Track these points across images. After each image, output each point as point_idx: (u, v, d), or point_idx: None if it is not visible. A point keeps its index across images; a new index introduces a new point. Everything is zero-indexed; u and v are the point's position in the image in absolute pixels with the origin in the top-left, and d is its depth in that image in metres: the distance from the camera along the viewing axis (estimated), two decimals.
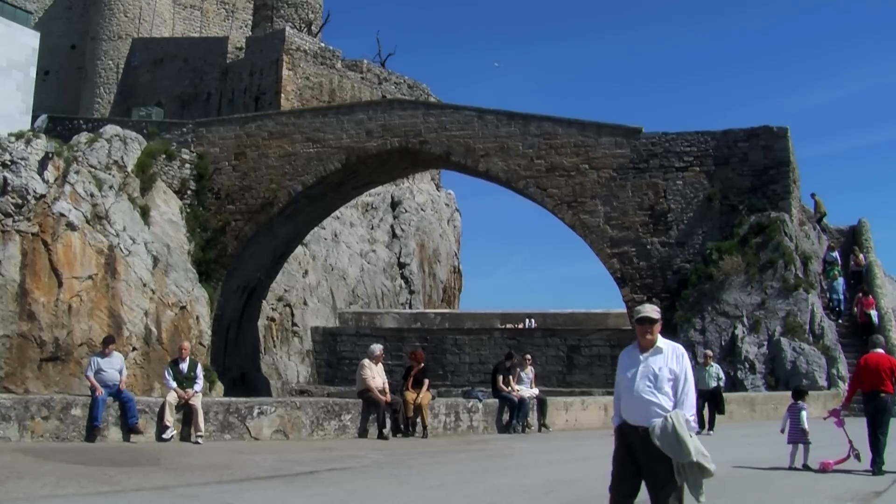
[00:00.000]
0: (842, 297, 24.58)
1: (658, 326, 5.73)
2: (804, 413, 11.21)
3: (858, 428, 11.21)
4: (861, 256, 26.50)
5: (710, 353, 18.15)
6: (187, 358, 13.47)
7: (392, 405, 14.38)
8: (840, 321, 24.02)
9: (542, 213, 28.11)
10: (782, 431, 11.33)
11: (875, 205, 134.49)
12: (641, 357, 5.65)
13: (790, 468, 10.93)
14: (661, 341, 5.68)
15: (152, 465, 10.06)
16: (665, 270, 25.68)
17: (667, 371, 5.55)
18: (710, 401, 16.72)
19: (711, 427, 16.60)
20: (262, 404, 13.49)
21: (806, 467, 10.99)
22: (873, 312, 23.56)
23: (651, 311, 5.75)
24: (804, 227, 26.74)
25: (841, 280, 24.86)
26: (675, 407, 5.46)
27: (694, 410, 5.53)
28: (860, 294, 24.23)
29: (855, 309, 24.09)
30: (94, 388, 12.04)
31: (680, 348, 5.69)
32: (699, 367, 17.03)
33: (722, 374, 17.31)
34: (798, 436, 11.10)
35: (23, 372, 21.47)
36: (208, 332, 26.93)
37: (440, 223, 49.60)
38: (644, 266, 25.87)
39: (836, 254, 25.65)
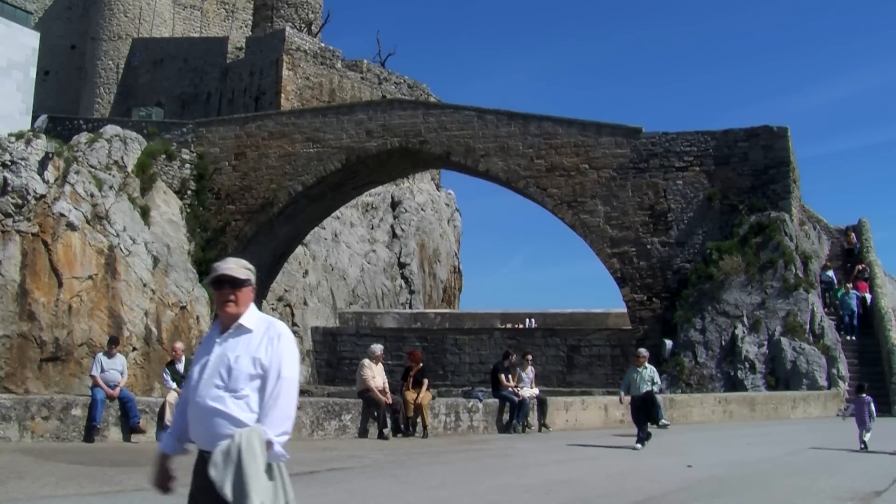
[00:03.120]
0: (856, 311, 23.77)
1: (248, 293, 3.63)
2: (873, 405, 13.72)
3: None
4: (853, 235, 26.99)
5: (644, 352, 14.22)
6: (182, 358, 13.52)
7: (392, 405, 14.37)
8: (852, 338, 23.46)
9: (542, 213, 28.15)
10: (852, 415, 13.83)
11: (875, 205, 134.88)
12: (218, 339, 3.59)
13: (861, 449, 13.12)
14: (253, 316, 3.61)
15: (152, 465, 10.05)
16: (665, 270, 25.68)
17: (248, 362, 3.48)
18: (641, 408, 13.44)
19: (640, 440, 13.14)
20: None
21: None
22: (867, 296, 23.95)
23: (235, 267, 3.62)
24: (804, 227, 26.74)
25: (854, 294, 24.07)
26: (258, 421, 3.47)
27: (287, 428, 3.55)
28: (856, 268, 24.84)
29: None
30: (97, 388, 12.06)
31: (278, 326, 3.60)
32: (631, 370, 14.00)
33: (657, 378, 14.06)
34: (866, 422, 13.36)
35: (23, 372, 21.48)
36: None
37: (440, 223, 49.59)
38: (644, 266, 25.87)
39: (831, 273, 25.17)
